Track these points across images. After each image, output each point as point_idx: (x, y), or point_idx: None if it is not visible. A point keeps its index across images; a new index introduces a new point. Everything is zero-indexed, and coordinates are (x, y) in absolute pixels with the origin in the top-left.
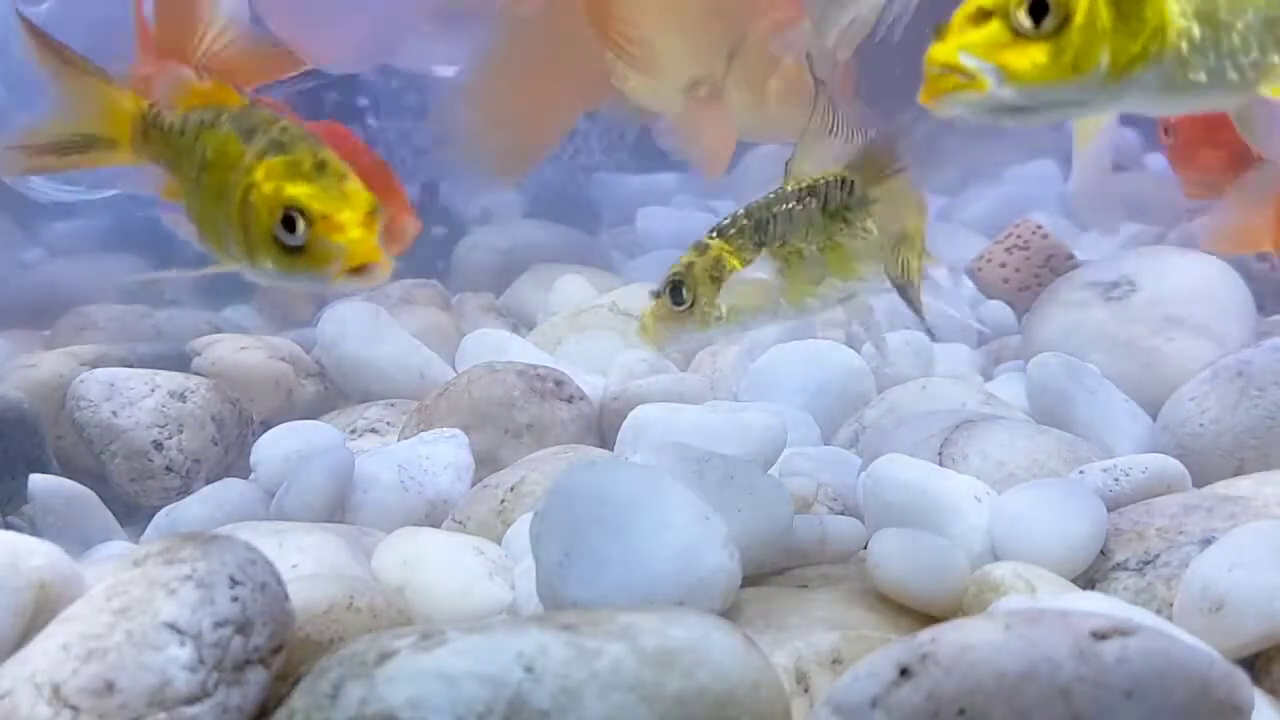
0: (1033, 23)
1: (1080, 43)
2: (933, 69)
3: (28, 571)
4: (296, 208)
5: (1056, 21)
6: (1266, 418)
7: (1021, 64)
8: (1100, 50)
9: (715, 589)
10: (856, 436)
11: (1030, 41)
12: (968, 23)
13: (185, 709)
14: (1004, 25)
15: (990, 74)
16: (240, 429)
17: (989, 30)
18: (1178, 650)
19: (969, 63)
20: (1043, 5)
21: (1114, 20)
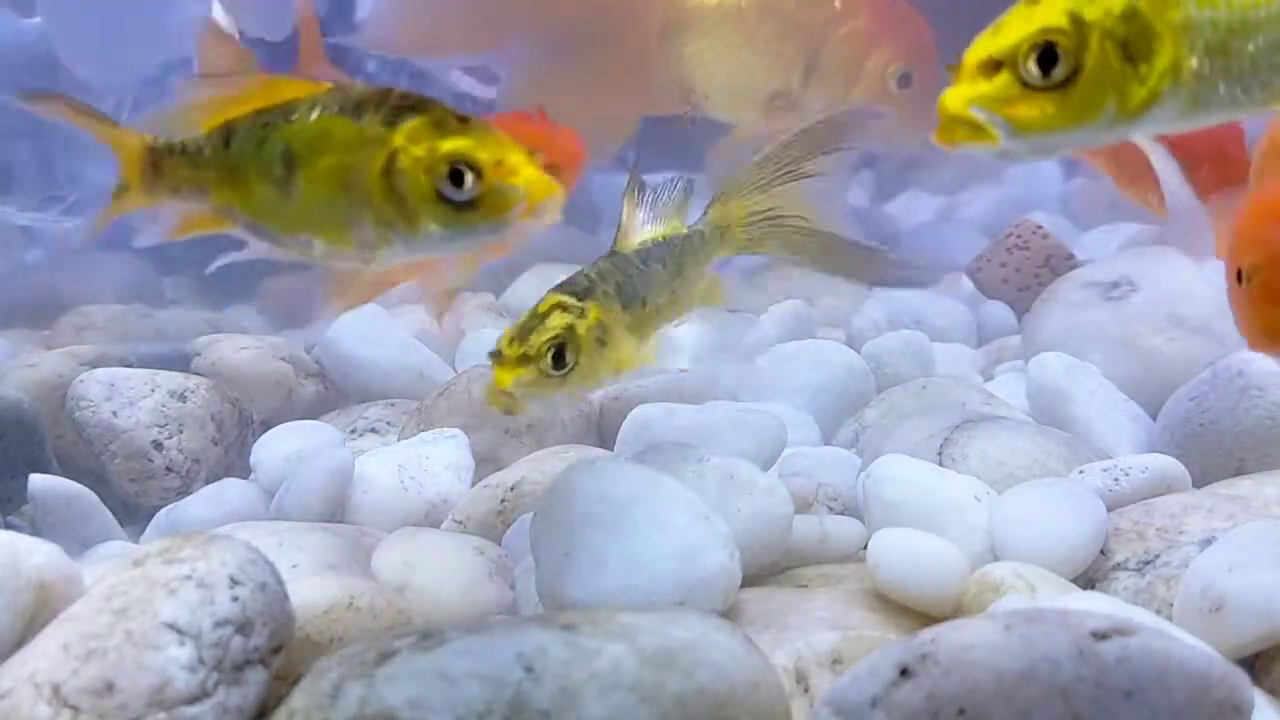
0: (1042, 74)
1: (1090, 91)
2: (943, 115)
3: (28, 571)
4: (462, 161)
5: (1066, 71)
6: (1266, 418)
7: (1030, 116)
8: (1109, 96)
9: (715, 589)
10: (856, 436)
11: (1039, 92)
12: (978, 72)
13: (185, 709)
14: (1013, 76)
15: (1000, 126)
16: (240, 429)
17: (998, 83)
18: (1178, 650)
19: (979, 115)
20: (1052, 56)
21: (1123, 66)
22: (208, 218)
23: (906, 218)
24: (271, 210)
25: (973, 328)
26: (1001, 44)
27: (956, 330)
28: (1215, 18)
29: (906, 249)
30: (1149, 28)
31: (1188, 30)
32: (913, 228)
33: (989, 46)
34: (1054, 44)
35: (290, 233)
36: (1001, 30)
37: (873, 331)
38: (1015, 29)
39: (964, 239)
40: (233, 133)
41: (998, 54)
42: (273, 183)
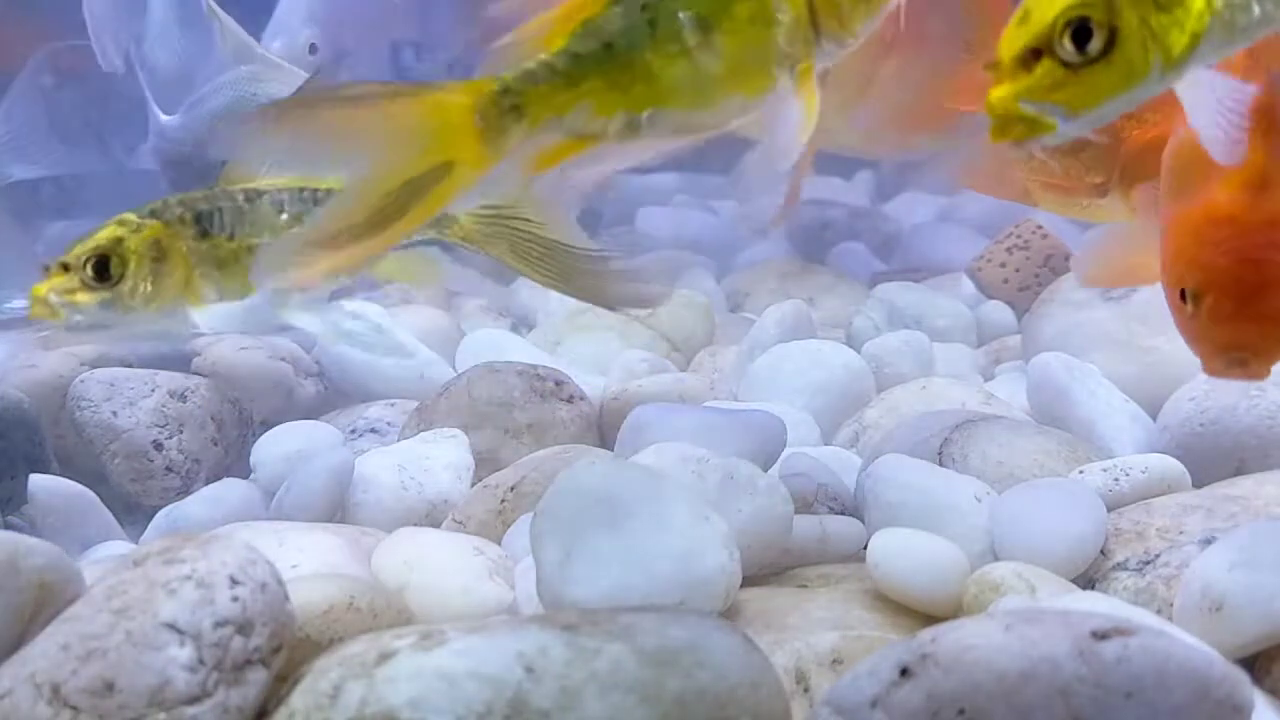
0: (1078, 51)
1: (1132, 53)
2: (996, 118)
3: (28, 571)
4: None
5: (1103, 42)
6: (1266, 418)
7: (1080, 94)
8: (1152, 52)
9: (715, 589)
10: (856, 436)
11: (1083, 68)
12: (1018, 66)
13: (185, 709)
14: (1054, 61)
15: (1054, 113)
16: (240, 429)
17: (1041, 71)
18: (1178, 650)
19: (1030, 109)
20: (1086, 31)
21: (1159, 20)
22: (565, 145)
23: (906, 218)
24: (681, 88)
25: (973, 328)
26: (1034, 31)
27: (956, 330)
28: None
29: (907, 249)
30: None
31: None
32: (912, 228)
33: (1022, 37)
34: (1086, 18)
35: (705, 104)
36: (1029, 18)
37: (873, 331)
38: (1042, 13)
39: (964, 239)
40: (601, 32)
41: (1033, 42)
42: (682, 56)
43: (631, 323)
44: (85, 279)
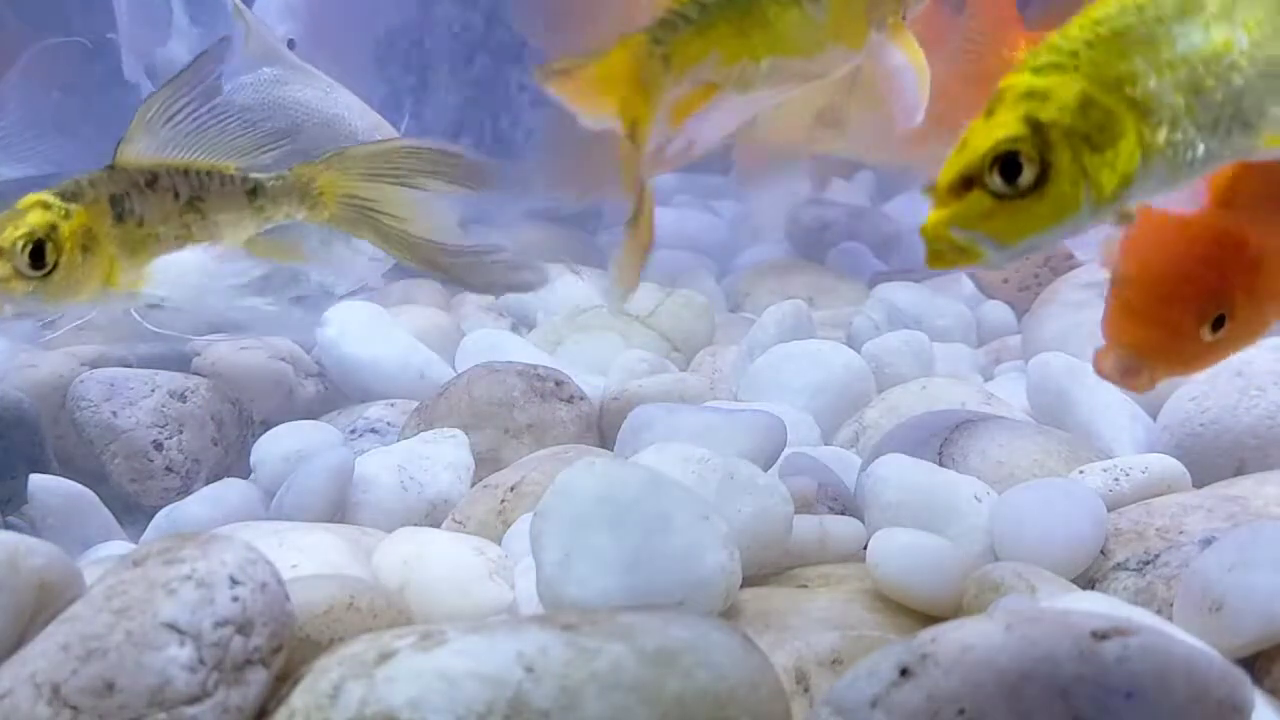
0: (1008, 184)
1: (1063, 188)
2: (926, 244)
3: (28, 571)
4: None
5: (1033, 176)
6: (1266, 418)
7: (1010, 227)
8: (1083, 188)
9: (715, 589)
10: (856, 436)
11: (1013, 200)
12: (950, 194)
13: (185, 709)
14: (983, 192)
15: (984, 242)
16: (240, 429)
17: (972, 200)
18: (1178, 650)
19: (960, 236)
20: (1015, 165)
21: (1090, 157)
22: (694, 95)
23: (906, 218)
24: (793, 36)
25: (973, 328)
26: (965, 161)
27: (956, 330)
28: (1176, 80)
29: (907, 249)
30: (1108, 113)
31: (1149, 102)
32: (912, 228)
33: (956, 165)
34: (1016, 152)
35: (813, 53)
36: (965, 148)
37: (873, 331)
38: (977, 144)
39: None
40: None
41: (965, 171)
42: (794, 4)
43: (632, 322)
44: (20, 266)
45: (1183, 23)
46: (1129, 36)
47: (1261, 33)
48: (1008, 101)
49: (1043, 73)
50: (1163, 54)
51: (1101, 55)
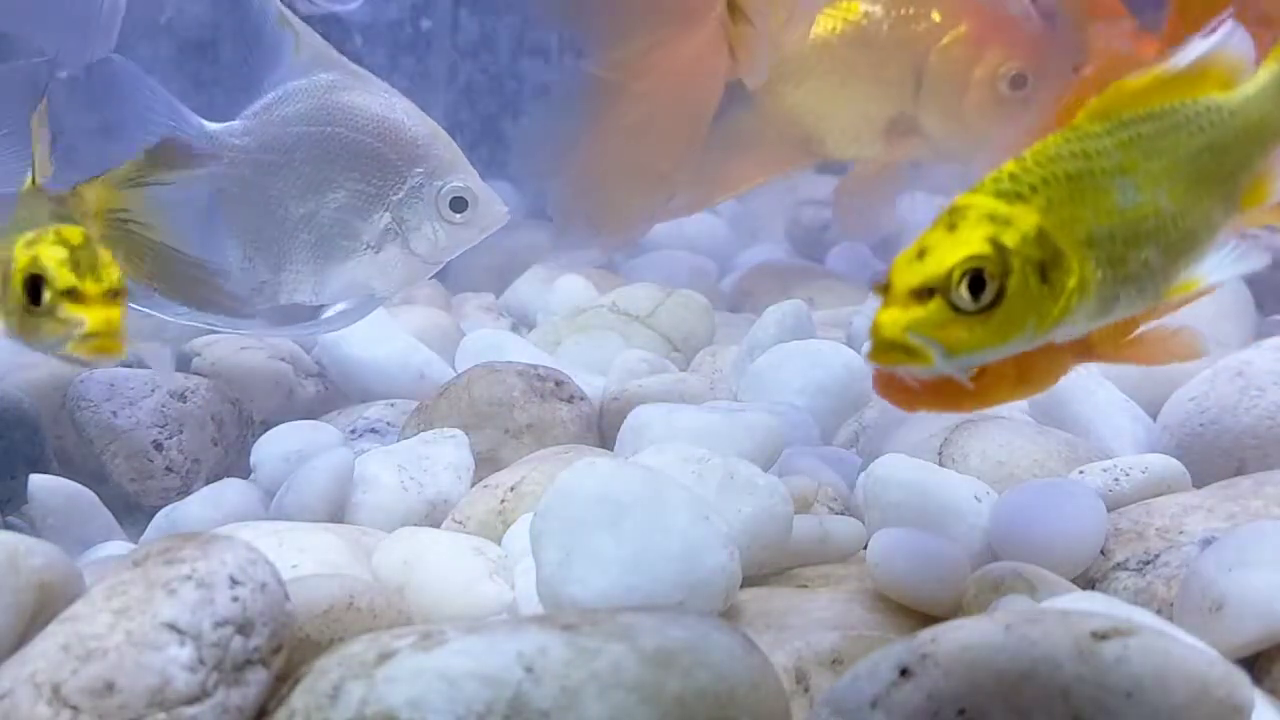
0: (973, 299)
1: (1013, 313)
2: (879, 339)
3: (28, 571)
4: None
5: (991, 297)
6: (1266, 418)
7: (961, 338)
8: (1029, 316)
9: (715, 589)
10: (856, 436)
11: (968, 316)
12: (910, 298)
13: (185, 709)
14: (944, 302)
15: (934, 349)
16: (240, 429)
17: (931, 309)
18: (1178, 650)
19: (915, 341)
20: (979, 282)
21: (1040, 287)
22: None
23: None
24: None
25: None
26: (932, 271)
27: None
28: (1112, 230)
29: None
30: (1058, 249)
31: (1090, 246)
32: (913, 227)
33: (920, 273)
34: (981, 271)
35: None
36: (929, 256)
37: None
38: (942, 256)
39: None
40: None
41: (930, 282)
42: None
43: (632, 322)
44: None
45: (1123, 178)
46: (1080, 182)
47: (1180, 205)
48: (970, 220)
49: (1004, 198)
50: (1104, 203)
51: (1056, 194)
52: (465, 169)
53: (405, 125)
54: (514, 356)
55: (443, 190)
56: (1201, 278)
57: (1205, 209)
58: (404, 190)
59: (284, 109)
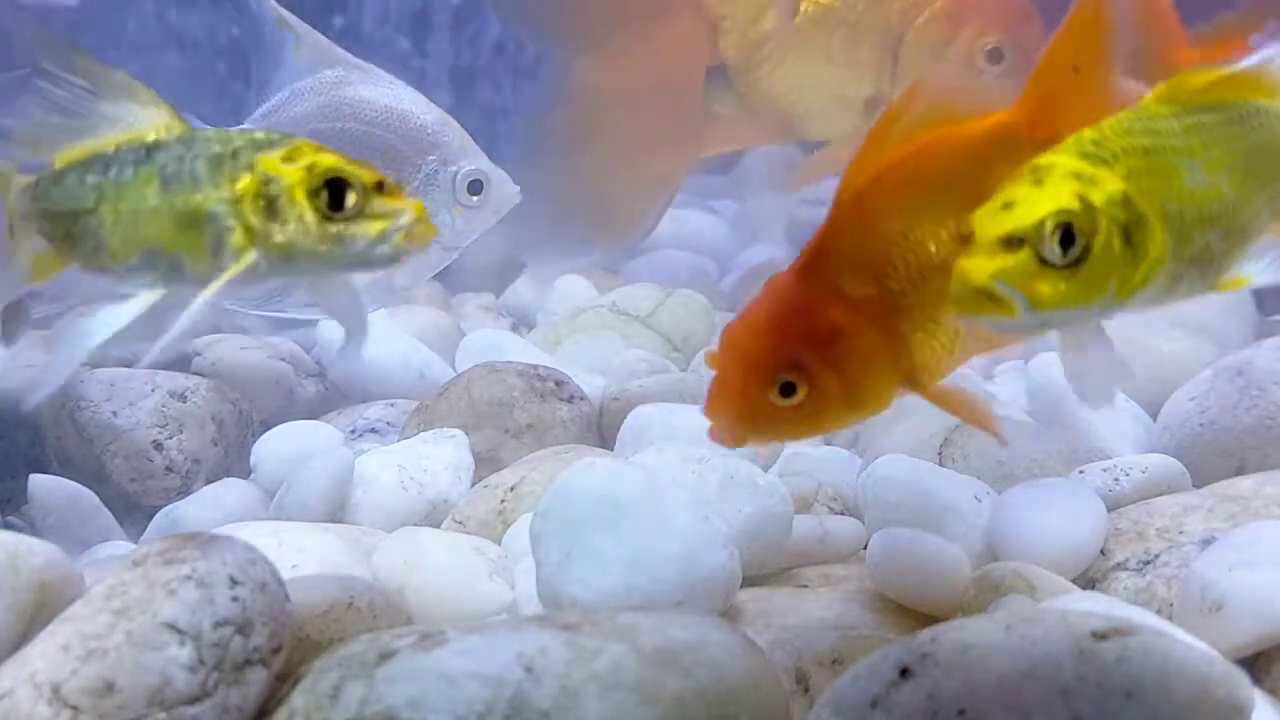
0: (1061, 253)
1: (1096, 273)
2: (965, 286)
3: (28, 571)
4: None
5: (1078, 253)
6: (1266, 418)
7: (1046, 294)
8: (1111, 279)
9: (715, 589)
10: (856, 436)
11: (1055, 271)
12: (999, 246)
13: (185, 709)
14: (1032, 254)
15: (1019, 301)
16: (240, 429)
17: (1021, 258)
18: (1178, 650)
19: (1002, 290)
20: (1069, 236)
21: (1123, 251)
22: None
23: None
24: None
25: None
26: (1023, 220)
27: None
28: (1182, 209)
29: None
30: (1141, 216)
31: (1166, 220)
32: None
33: (1009, 222)
34: (1070, 225)
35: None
36: (1016, 207)
37: None
38: (1031, 207)
39: None
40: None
41: (1020, 230)
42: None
43: (632, 322)
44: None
45: (1190, 160)
46: (1154, 157)
47: (1237, 195)
48: (1056, 176)
49: (1088, 160)
50: (1175, 181)
51: (1135, 164)
52: (475, 152)
53: (414, 114)
54: (514, 356)
55: (458, 175)
56: (1249, 275)
57: (1256, 206)
58: (419, 179)
59: (292, 109)
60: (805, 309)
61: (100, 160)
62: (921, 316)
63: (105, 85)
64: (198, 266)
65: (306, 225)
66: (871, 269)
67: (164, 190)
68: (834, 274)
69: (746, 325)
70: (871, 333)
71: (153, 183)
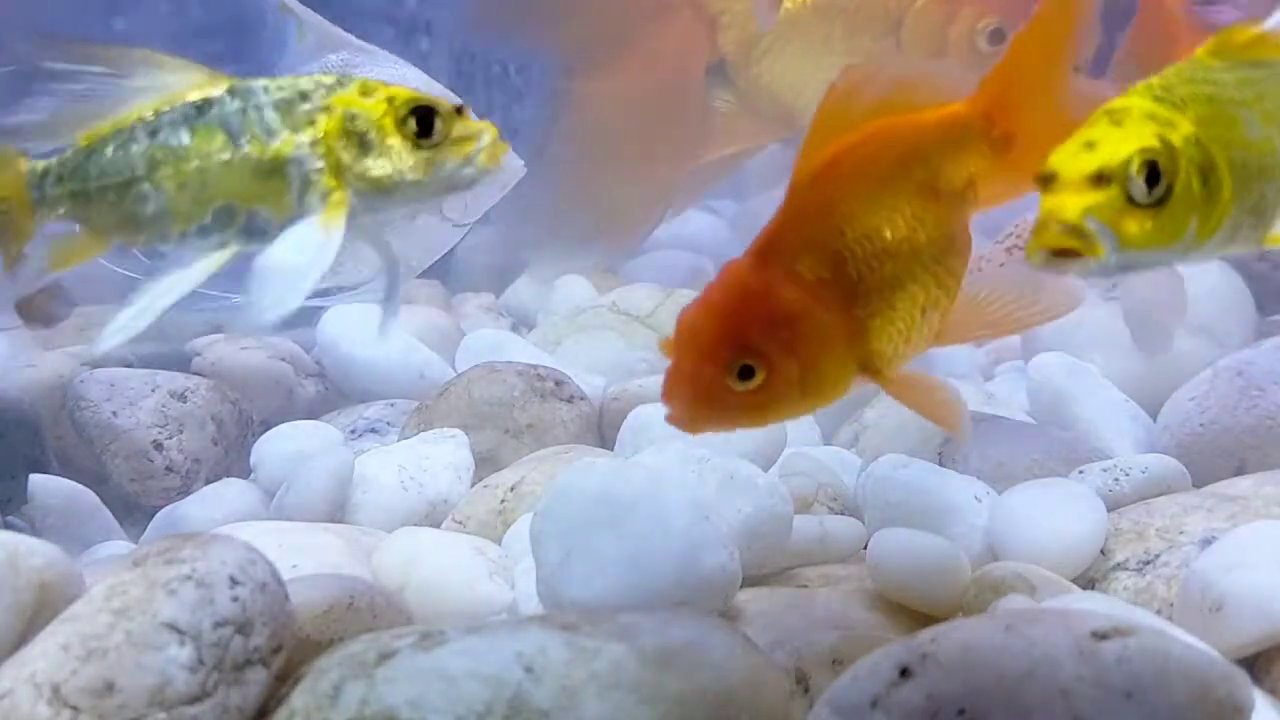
0: (1147, 191)
1: (1179, 213)
2: (1052, 224)
3: (28, 571)
4: None
5: (1162, 192)
6: (1266, 418)
7: (1133, 232)
8: (1190, 220)
9: (715, 589)
10: (856, 436)
11: (1140, 209)
12: (1086, 184)
13: (185, 709)
14: (1121, 192)
15: (1107, 240)
16: (240, 429)
17: (1110, 195)
18: (1178, 650)
19: (1092, 227)
20: (1155, 176)
21: (1202, 193)
22: None
23: None
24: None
25: None
26: (1109, 158)
27: None
28: (1244, 158)
29: None
30: (1213, 159)
31: (1232, 167)
32: None
33: (1096, 159)
34: (1155, 163)
35: None
36: (1099, 147)
37: None
38: (1116, 146)
39: None
40: None
41: (1107, 167)
42: None
43: (632, 322)
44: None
45: (1247, 111)
46: (1216, 105)
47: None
48: (1135, 117)
49: (1161, 104)
50: (1236, 130)
51: (1202, 111)
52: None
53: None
54: (514, 356)
55: None
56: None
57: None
58: None
59: None
60: (761, 294)
61: (140, 128)
62: (878, 301)
63: (127, 63)
64: (279, 215)
65: (400, 155)
66: (827, 253)
67: (234, 143)
68: (790, 259)
69: (702, 310)
70: (828, 317)
71: (217, 138)
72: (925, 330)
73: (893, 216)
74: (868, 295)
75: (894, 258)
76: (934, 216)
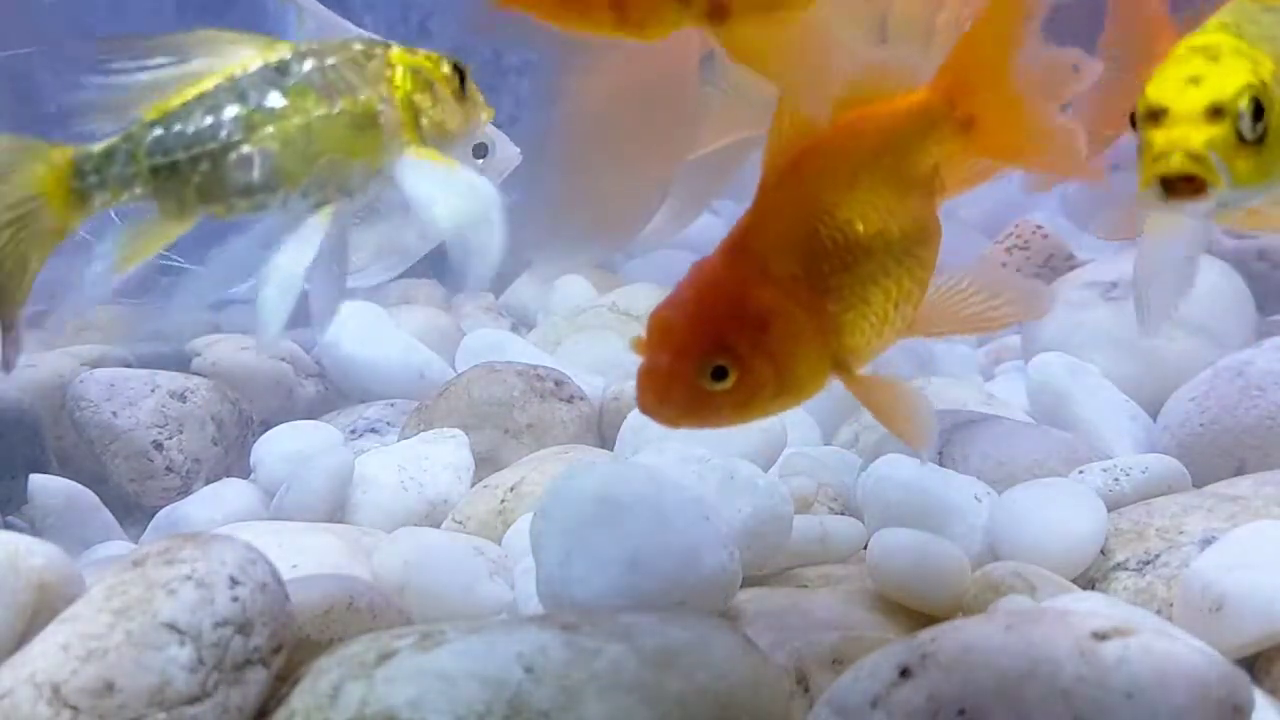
0: (1252, 126)
1: (1275, 149)
2: (1175, 153)
3: (28, 571)
4: None
5: (1263, 128)
6: (1266, 418)
7: (1243, 169)
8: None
9: (715, 589)
10: (856, 436)
11: (1245, 145)
12: (1203, 118)
13: (185, 709)
14: (1233, 127)
15: (1224, 174)
16: (240, 429)
17: (1225, 129)
18: (1178, 650)
19: (1215, 159)
20: (1259, 111)
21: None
22: None
23: None
24: None
25: None
26: (1222, 92)
27: None
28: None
29: None
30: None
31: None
32: None
33: (1209, 94)
34: (1259, 98)
35: None
36: (1205, 81)
37: None
38: (1222, 81)
39: (964, 239)
40: None
41: (1220, 101)
42: None
43: (631, 322)
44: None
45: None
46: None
47: None
48: (1227, 52)
49: (1242, 40)
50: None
51: (1274, 50)
52: None
53: None
54: (514, 356)
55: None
56: None
57: None
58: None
59: None
60: (733, 292)
61: (222, 94)
62: (851, 297)
63: (189, 46)
64: (373, 165)
65: (453, 109)
66: (799, 250)
67: (327, 100)
68: (761, 256)
69: (674, 309)
70: (801, 314)
71: (309, 96)
72: (898, 323)
73: (864, 210)
74: (840, 291)
75: (867, 252)
76: (904, 207)
